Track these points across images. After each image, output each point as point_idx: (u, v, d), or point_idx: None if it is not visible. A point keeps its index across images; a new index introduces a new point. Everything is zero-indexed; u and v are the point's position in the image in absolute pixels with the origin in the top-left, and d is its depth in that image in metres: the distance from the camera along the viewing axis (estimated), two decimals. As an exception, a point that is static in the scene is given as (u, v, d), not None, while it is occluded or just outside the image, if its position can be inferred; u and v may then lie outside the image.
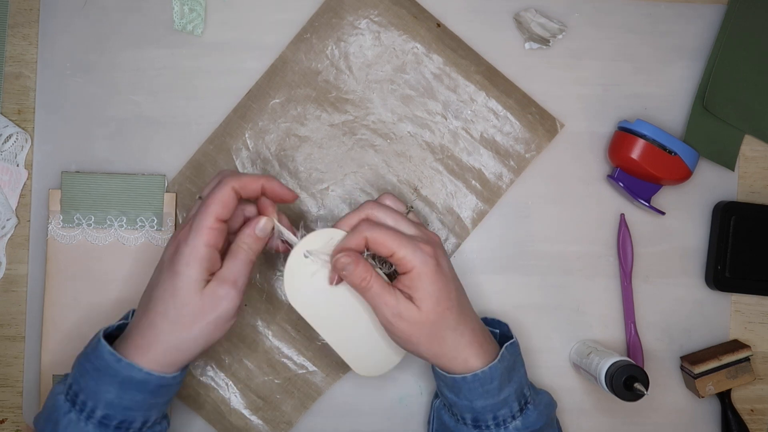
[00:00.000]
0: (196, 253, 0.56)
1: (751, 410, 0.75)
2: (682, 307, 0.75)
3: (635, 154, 0.70)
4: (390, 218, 0.60)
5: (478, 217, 0.74)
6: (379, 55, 0.73)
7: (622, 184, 0.72)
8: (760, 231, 0.74)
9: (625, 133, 0.71)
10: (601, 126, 0.75)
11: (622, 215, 0.74)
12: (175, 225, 0.72)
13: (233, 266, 0.58)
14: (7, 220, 0.71)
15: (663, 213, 0.73)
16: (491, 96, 0.73)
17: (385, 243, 0.57)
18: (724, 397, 0.73)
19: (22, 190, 0.72)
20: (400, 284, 0.58)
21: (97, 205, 0.71)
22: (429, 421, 0.70)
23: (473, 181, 0.74)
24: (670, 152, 0.70)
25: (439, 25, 0.73)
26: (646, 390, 0.64)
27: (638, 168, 0.70)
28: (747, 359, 0.72)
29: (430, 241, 0.59)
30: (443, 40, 0.73)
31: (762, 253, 0.74)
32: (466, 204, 0.74)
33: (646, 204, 0.72)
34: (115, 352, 0.56)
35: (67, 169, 0.72)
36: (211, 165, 0.72)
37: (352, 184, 0.73)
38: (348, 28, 0.73)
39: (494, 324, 0.66)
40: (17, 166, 0.71)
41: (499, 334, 0.66)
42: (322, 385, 0.73)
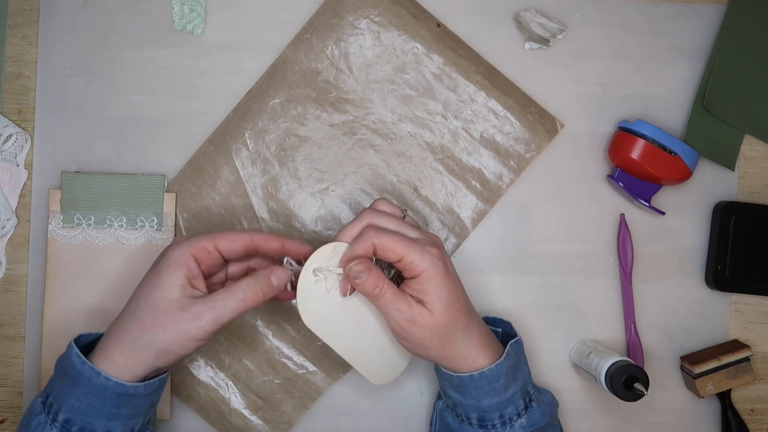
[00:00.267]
0: (181, 258, 0.56)
1: (751, 410, 0.75)
2: (682, 307, 0.75)
3: (635, 154, 0.70)
4: (392, 224, 0.59)
5: (478, 217, 0.74)
6: (379, 55, 0.73)
7: (622, 184, 0.72)
8: (760, 231, 0.74)
9: (625, 133, 0.71)
10: (601, 126, 0.75)
11: (622, 215, 0.74)
12: (175, 225, 0.72)
13: (225, 295, 0.56)
14: (7, 220, 0.71)
15: (663, 213, 0.73)
16: (491, 96, 0.73)
17: (393, 248, 0.56)
18: (724, 397, 0.73)
19: (22, 190, 0.72)
20: (409, 288, 0.58)
21: (97, 205, 0.71)
22: (431, 423, 0.70)
23: (473, 181, 0.74)
24: (670, 152, 0.70)
25: (439, 25, 0.73)
26: (646, 390, 0.64)
27: (638, 168, 0.70)
28: (747, 359, 0.72)
29: (434, 243, 0.59)
30: (443, 40, 0.73)
31: (762, 253, 0.74)
32: (466, 204, 0.74)
33: (646, 204, 0.72)
34: (81, 355, 0.55)
35: (67, 169, 0.72)
36: (211, 165, 0.72)
37: (352, 184, 0.73)
38: (348, 28, 0.73)
39: (496, 323, 0.66)
40: (17, 166, 0.71)
41: (502, 333, 0.66)
42: (322, 385, 0.73)
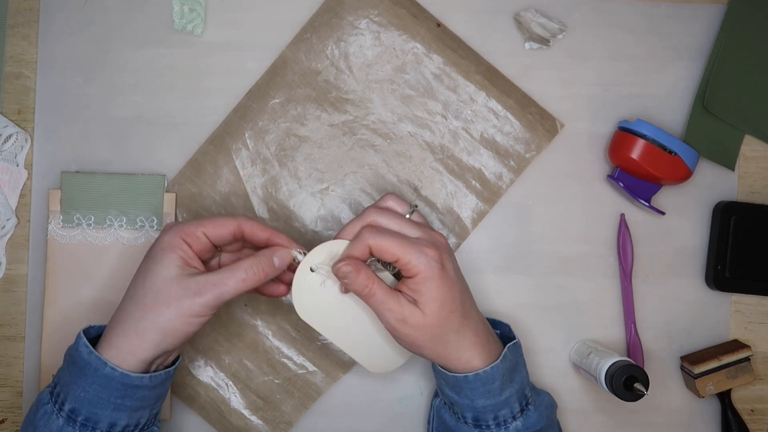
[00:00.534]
0: (174, 242, 0.57)
1: (751, 410, 0.75)
2: (682, 307, 0.75)
3: (635, 154, 0.70)
4: (393, 223, 0.59)
5: (478, 217, 0.74)
6: (379, 55, 0.73)
7: (622, 184, 0.72)
8: (760, 231, 0.74)
9: (625, 133, 0.71)
10: (601, 126, 0.75)
11: (622, 215, 0.74)
12: (175, 225, 0.72)
13: (227, 274, 0.57)
14: (7, 220, 0.71)
15: (663, 213, 0.73)
16: (491, 96, 0.73)
17: (389, 250, 0.57)
18: (724, 397, 0.73)
19: (22, 190, 0.72)
20: (405, 287, 0.58)
21: (96, 205, 0.71)
22: (429, 420, 0.70)
23: (473, 181, 0.74)
24: (670, 152, 0.70)
25: (439, 25, 0.73)
26: (646, 390, 0.64)
27: (638, 168, 0.70)
28: (747, 359, 0.72)
29: (435, 243, 0.58)
30: (443, 40, 0.73)
31: (762, 253, 0.74)
32: (466, 204, 0.74)
33: (646, 204, 0.72)
34: (89, 345, 0.55)
35: (67, 169, 0.72)
36: (211, 165, 0.72)
37: (352, 184, 0.73)
38: (348, 28, 0.73)
39: (495, 325, 0.66)
40: (17, 166, 0.71)
41: (500, 335, 0.65)
42: (322, 385, 0.73)
